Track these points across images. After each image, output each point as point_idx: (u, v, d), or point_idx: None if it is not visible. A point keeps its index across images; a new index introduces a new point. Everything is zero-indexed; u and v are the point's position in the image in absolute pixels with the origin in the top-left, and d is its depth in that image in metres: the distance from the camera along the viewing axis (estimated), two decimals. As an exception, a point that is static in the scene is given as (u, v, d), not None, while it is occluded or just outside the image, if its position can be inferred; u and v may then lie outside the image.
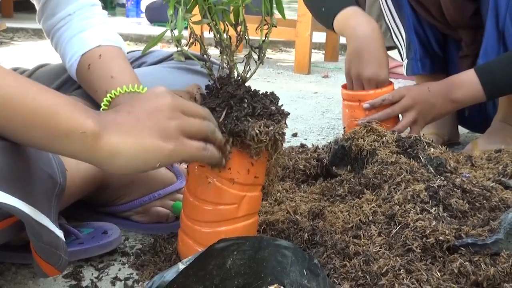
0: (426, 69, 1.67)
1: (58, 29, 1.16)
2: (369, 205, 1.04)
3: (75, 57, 1.14)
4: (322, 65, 3.49)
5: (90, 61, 1.12)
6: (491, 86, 1.40)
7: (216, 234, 0.90)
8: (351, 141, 1.22)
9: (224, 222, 0.92)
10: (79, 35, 1.15)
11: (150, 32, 4.57)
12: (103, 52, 1.12)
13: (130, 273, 0.98)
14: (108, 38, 1.15)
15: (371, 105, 1.42)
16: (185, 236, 0.95)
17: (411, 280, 0.85)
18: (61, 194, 0.85)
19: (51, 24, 1.17)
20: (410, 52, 1.66)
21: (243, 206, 0.92)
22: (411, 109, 1.41)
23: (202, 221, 0.93)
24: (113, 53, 1.14)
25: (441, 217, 0.97)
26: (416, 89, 1.45)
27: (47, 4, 1.16)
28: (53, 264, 0.77)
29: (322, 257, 0.93)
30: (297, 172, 1.27)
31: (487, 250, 0.89)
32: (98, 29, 1.16)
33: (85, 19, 1.16)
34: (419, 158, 1.16)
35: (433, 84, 1.44)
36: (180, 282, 0.72)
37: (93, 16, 1.18)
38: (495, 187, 1.08)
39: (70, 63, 1.15)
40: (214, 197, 0.91)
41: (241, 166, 0.89)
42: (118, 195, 1.14)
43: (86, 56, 1.13)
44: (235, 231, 0.91)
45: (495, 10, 1.43)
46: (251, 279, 0.78)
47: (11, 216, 0.74)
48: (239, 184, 0.90)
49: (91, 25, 1.16)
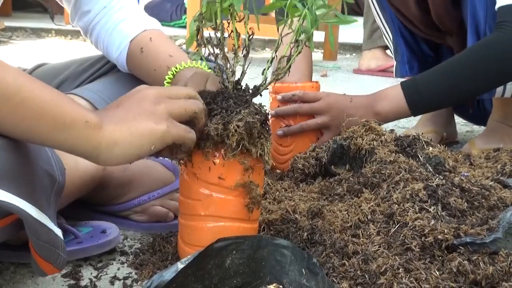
0: (414, 71, 1.66)
1: (96, 24, 1.19)
2: (368, 204, 1.04)
3: (123, 44, 1.17)
4: (320, 64, 3.48)
5: (141, 45, 1.16)
6: (416, 101, 1.34)
7: (184, 227, 0.93)
8: (350, 140, 1.22)
9: (190, 217, 0.92)
10: (121, 25, 1.19)
11: (149, 31, 4.56)
12: (152, 36, 1.17)
13: (129, 273, 0.98)
14: (149, 22, 1.21)
15: (282, 98, 1.36)
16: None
17: (410, 279, 0.85)
18: (60, 191, 0.85)
19: (88, 21, 1.20)
20: (398, 55, 1.66)
21: (208, 205, 0.90)
22: (324, 114, 1.34)
23: (181, 212, 0.95)
24: (161, 35, 1.20)
25: (440, 216, 0.97)
26: (336, 97, 1.38)
27: (78, 3, 1.18)
28: (51, 262, 0.77)
29: (321, 256, 0.93)
30: (296, 171, 1.27)
31: (486, 249, 0.89)
32: (137, 16, 1.21)
33: (122, 9, 1.20)
34: (418, 157, 1.16)
35: (358, 97, 1.39)
36: (179, 281, 0.72)
37: (127, 4, 1.22)
38: (494, 186, 1.08)
39: (118, 52, 1.18)
40: (183, 189, 0.93)
41: (202, 163, 0.89)
42: (117, 195, 1.14)
43: (136, 41, 1.17)
44: (199, 229, 0.91)
45: (474, 24, 1.41)
46: (250, 278, 0.78)
47: (10, 214, 0.74)
48: (202, 180, 0.90)
49: (130, 13, 1.20)
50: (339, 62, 3.61)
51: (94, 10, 1.18)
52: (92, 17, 1.19)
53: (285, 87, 1.36)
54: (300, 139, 1.36)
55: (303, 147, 1.34)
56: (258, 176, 0.91)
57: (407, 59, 1.65)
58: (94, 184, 1.09)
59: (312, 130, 1.36)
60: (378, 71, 3.10)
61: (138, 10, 1.23)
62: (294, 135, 1.35)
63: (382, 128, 1.25)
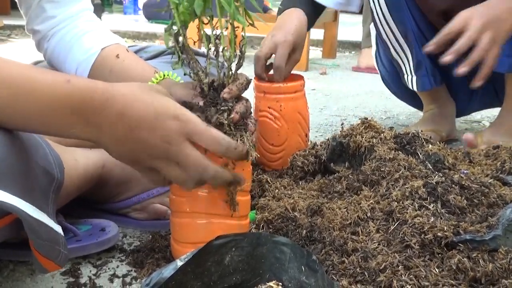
0: (438, 81, 1.66)
1: (59, 29, 1.18)
2: (367, 201, 1.04)
3: (94, 49, 1.15)
4: (320, 62, 3.48)
5: (117, 52, 1.15)
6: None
7: (173, 224, 0.95)
8: (349, 137, 1.22)
9: (177, 214, 0.93)
10: (90, 33, 1.17)
11: (147, 30, 4.56)
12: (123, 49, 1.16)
13: (128, 270, 0.98)
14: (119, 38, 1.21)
15: (435, 43, 1.31)
16: None
17: (409, 276, 0.85)
18: (59, 189, 0.85)
19: (50, 26, 1.18)
20: (421, 69, 1.64)
21: (192, 201, 0.91)
22: (484, 31, 1.27)
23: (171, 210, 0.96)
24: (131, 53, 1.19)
25: (439, 213, 0.97)
26: (472, 10, 1.30)
27: (42, 7, 1.17)
28: (53, 259, 0.77)
29: (320, 254, 0.93)
30: (295, 168, 1.27)
31: (485, 246, 0.89)
32: (106, 30, 1.21)
33: (90, 22, 1.20)
34: (417, 155, 1.16)
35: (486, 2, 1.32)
36: (178, 279, 0.72)
37: (95, 19, 1.22)
38: (493, 183, 1.08)
39: (85, 56, 1.16)
40: (171, 186, 0.93)
41: None
42: (116, 192, 1.14)
43: (108, 49, 1.15)
44: (185, 226, 0.92)
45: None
46: (249, 275, 0.78)
47: (9, 214, 0.74)
48: None
49: (98, 26, 1.20)
50: (338, 60, 3.60)
51: (61, 17, 1.17)
52: (56, 23, 1.17)
53: (275, 87, 1.34)
54: (292, 139, 1.35)
55: (294, 146, 1.34)
56: (242, 171, 0.90)
57: (431, 72, 1.64)
58: (93, 182, 1.09)
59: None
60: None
61: (104, 28, 1.22)
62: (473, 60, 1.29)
63: (381, 126, 1.25)
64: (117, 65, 1.13)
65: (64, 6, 1.17)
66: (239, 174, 0.87)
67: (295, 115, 1.35)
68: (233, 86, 0.89)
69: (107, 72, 1.13)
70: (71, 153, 1.05)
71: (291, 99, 1.34)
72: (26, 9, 1.19)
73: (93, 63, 1.15)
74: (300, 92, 1.37)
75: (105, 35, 1.19)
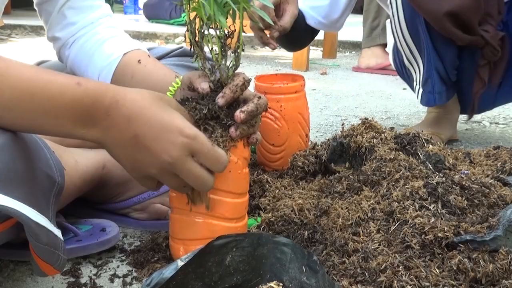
0: (443, 99, 1.66)
1: (80, 36, 1.17)
2: (368, 202, 1.04)
3: (116, 54, 1.14)
4: (320, 62, 3.48)
5: (138, 57, 1.14)
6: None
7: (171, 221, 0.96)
8: (350, 138, 1.22)
9: (176, 210, 0.94)
10: (112, 39, 1.17)
11: (148, 29, 4.56)
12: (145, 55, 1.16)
13: (128, 270, 0.98)
14: (140, 44, 1.20)
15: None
16: None
17: (409, 276, 0.85)
18: (59, 193, 0.85)
19: (71, 32, 1.17)
20: (427, 86, 1.63)
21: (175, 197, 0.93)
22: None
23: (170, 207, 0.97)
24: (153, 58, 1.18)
25: (440, 213, 0.97)
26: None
27: (63, 14, 1.16)
28: (52, 263, 0.77)
29: (321, 254, 0.93)
30: (296, 169, 1.27)
31: (486, 246, 0.89)
32: (127, 36, 1.21)
33: (111, 28, 1.19)
34: (418, 155, 1.16)
35: None
36: (179, 279, 0.72)
37: (116, 25, 1.21)
38: (494, 184, 1.08)
39: (108, 61, 1.14)
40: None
41: None
42: (116, 192, 1.14)
43: (131, 54, 1.15)
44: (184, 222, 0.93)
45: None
46: (250, 276, 0.78)
47: (10, 217, 0.74)
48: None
49: (119, 32, 1.19)
50: (338, 60, 3.60)
51: (81, 23, 1.16)
52: (77, 30, 1.17)
53: (276, 87, 1.34)
54: (293, 139, 1.35)
55: (295, 146, 1.34)
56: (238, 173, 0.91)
57: (438, 90, 1.64)
58: (94, 182, 1.09)
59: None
60: (377, 69, 3.10)
61: (125, 33, 1.22)
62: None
63: (382, 126, 1.25)
64: (139, 71, 1.13)
65: (85, 12, 1.17)
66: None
67: (295, 115, 1.35)
68: (226, 89, 0.88)
69: (129, 77, 1.12)
70: (72, 154, 1.05)
71: (291, 99, 1.34)
72: (47, 17, 1.19)
73: (115, 69, 1.14)
74: (300, 92, 1.37)
75: (126, 40, 1.18)
